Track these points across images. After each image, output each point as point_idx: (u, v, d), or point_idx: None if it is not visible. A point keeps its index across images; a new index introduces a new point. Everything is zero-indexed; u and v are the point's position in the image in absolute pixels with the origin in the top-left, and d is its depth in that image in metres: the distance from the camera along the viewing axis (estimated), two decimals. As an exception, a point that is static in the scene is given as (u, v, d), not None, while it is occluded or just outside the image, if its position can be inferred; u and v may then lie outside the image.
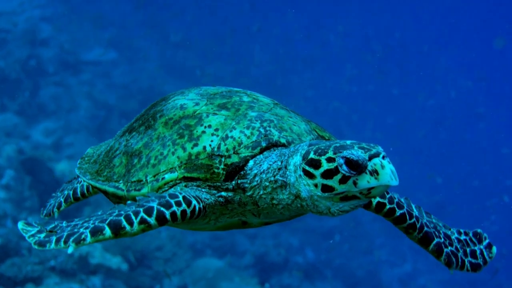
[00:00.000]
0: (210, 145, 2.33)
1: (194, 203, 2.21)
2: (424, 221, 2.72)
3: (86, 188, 3.38)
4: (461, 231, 2.94)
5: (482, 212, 22.08)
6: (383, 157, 1.97)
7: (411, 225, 2.63)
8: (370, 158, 1.96)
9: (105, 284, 10.63)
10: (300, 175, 2.11)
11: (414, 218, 2.66)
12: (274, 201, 2.26)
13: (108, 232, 2.02)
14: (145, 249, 11.89)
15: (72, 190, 3.45)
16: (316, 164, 2.03)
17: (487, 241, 2.90)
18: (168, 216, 2.13)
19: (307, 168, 2.07)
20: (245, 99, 2.61)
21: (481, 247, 2.88)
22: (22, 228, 2.15)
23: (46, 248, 2.03)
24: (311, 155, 2.08)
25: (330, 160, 2.02)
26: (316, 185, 2.05)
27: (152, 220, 2.09)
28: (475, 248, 2.87)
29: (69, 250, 1.99)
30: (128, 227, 2.04)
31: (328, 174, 2.01)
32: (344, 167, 1.97)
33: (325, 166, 2.01)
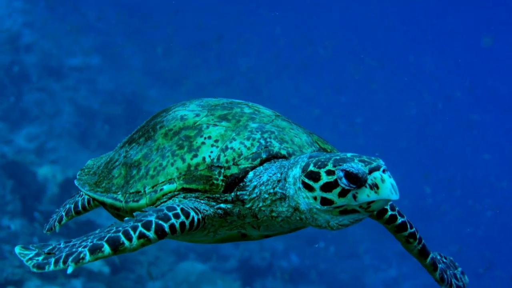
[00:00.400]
0: (210, 156, 2.28)
1: (192, 214, 2.16)
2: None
3: (87, 201, 3.32)
4: (441, 255, 3.00)
5: (468, 218, 22.27)
6: (384, 171, 1.92)
7: (412, 234, 2.60)
8: (370, 171, 1.91)
9: (86, 287, 10.59)
10: (299, 187, 2.06)
11: (414, 228, 2.64)
12: (274, 213, 2.21)
13: (107, 249, 1.96)
14: (128, 252, 11.85)
15: (73, 203, 3.40)
16: (316, 177, 1.99)
17: (460, 269, 2.98)
18: (167, 229, 2.08)
19: (306, 180, 2.03)
20: (246, 110, 2.55)
21: (459, 271, 2.97)
22: (19, 252, 2.08)
23: (45, 270, 1.96)
24: (311, 167, 2.03)
25: (329, 173, 1.97)
26: (315, 198, 2.01)
27: (151, 234, 2.03)
28: (455, 271, 2.96)
29: (69, 271, 1.92)
30: (127, 243, 1.99)
31: (327, 187, 1.96)
32: (343, 180, 1.92)
33: (325, 179, 1.97)
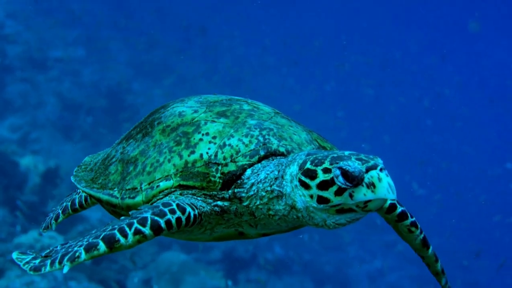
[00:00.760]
0: (207, 153, 2.25)
1: (188, 210, 2.13)
2: None
3: (84, 199, 3.27)
4: None
5: (454, 209, 22.43)
6: (381, 170, 1.87)
7: (413, 222, 2.51)
8: (367, 170, 1.86)
9: (67, 276, 10.57)
10: (296, 185, 2.01)
11: (414, 217, 2.60)
12: (271, 211, 2.16)
13: (102, 247, 1.93)
14: (124, 250, 11.89)
15: (70, 201, 3.35)
16: (312, 175, 1.94)
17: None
18: (163, 225, 2.03)
19: (303, 178, 1.98)
20: (245, 107, 2.53)
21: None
22: (16, 257, 2.07)
23: (42, 272, 1.94)
24: (308, 165, 1.98)
25: (326, 170, 1.92)
26: (311, 196, 1.96)
27: (147, 230, 1.99)
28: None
29: (64, 270, 1.89)
30: (122, 240, 1.95)
31: (323, 185, 1.92)
32: (340, 178, 1.88)
33: (321, 177, 1.92)
